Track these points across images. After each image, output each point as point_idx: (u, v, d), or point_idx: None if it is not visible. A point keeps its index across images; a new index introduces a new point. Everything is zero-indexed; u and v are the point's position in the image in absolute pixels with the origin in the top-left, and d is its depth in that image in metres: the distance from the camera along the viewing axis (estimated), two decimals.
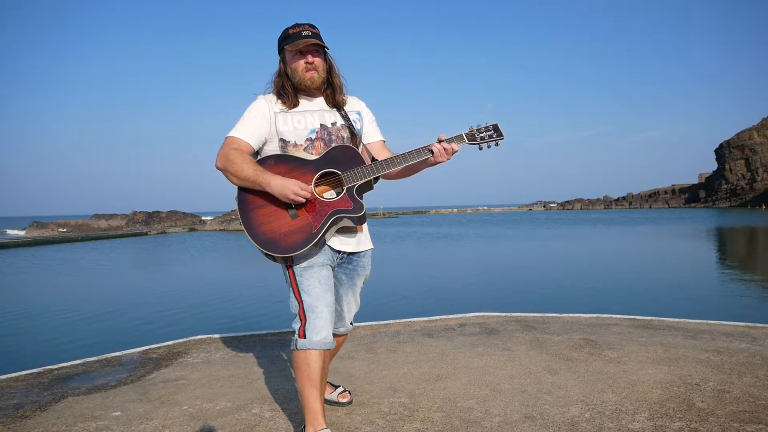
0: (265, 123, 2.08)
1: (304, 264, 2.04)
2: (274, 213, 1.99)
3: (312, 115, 2.12)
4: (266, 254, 2.00)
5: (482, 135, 2.09)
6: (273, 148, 2.10)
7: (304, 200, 1.95)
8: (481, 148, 2.11)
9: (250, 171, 1.96)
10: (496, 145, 2.11)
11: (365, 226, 2.21)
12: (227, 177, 2.02)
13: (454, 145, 2.06)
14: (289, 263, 2.05)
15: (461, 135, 2.09)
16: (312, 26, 2.09)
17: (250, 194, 2.02)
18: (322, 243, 2.03)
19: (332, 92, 2.16)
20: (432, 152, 2.05)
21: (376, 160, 2.15)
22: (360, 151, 2.15)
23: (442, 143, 2.06)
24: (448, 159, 2.07)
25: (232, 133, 2.05)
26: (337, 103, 2.17)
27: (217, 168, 2.02)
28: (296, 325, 2.05)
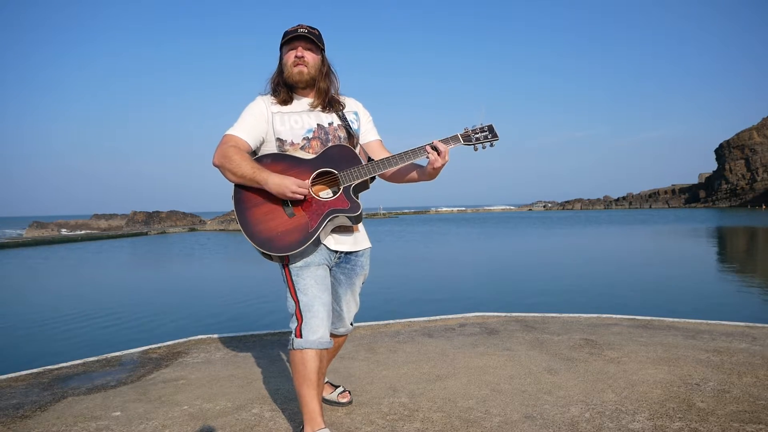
0: (263, 123, 2.09)
1: (300, 264, 2.04)
2: (271, 212, 1.99)
3: (309, 115, 2.14)
4: (263, 253, 2.00)
5: (477, 136, 2.12)
6: (270, 148, 2.11)
7: (302, 197, 1.95)
8: (476, 149, 2.14)
9: (248, 168, 1.97)
10: (491, 145, 2.13)
11: (361, 225, 2.21)
12: (224, 174, 2.03)
13: (442, 145, 2.06)
14: (285, 262, 2.05)
15: (456, 136, 2.12)
16: (312, 27, 2.12)
17: (246, 193, 2.02)
18: (317, 242, 2.04)
19: (317, 95, 2.16)
20: (427, 152, 2.05)
21: (373, 159, 2.16)
22: (357, 151, 2.16)
23: (434, 143, 2.06)
24: (443, 163, 2.07)
25: (231, 131, 2.06)
26: (329, 104, 2.17)
27: (215, 165, 2.03)
28: (293, 325, 2.05)
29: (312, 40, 2.08)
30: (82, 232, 42.75)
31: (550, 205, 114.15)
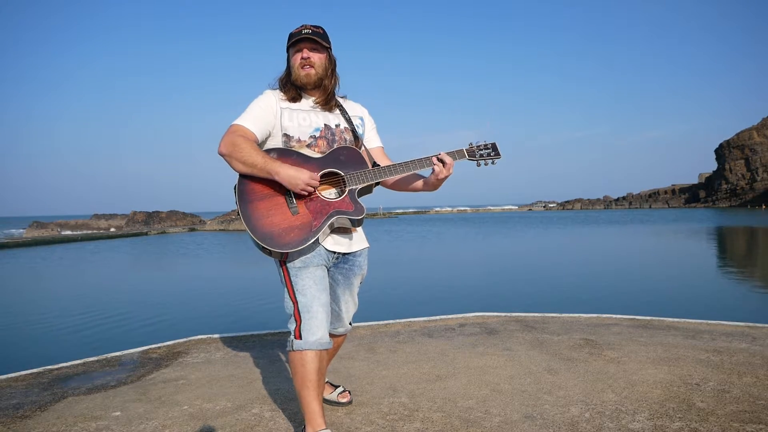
0: (271, 116, 2.08)
1: (298, 264, 2.04)
2: (275, 207, 1.99)
3: (317, 115, 2.15)
4: (262, 248, 1.99)
5: (481, 152, 2.18)
6: (275, 143, 2.10)
7: (312, 190, 1.95)
8: (478, 165, 2.19)
9: (259, 158, 1.95)
10: (493, 163, 2.20)
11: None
12: (231, 163, 1.99)
13: (448, 158, 2.11)
14: (283, 259, 2.04)
15: (462, 150, 2.17)
16: (316, 27, 2.12)
17: (251, 185, 2.01)
18: (316, 242, 2.04)
19: (323, 92, 2.17)
20: (433, 163, 2.10)
21: (378, 164, 2.17)
22: (362, 153, 2.17)
23: (441, 155, 2.10)
24: (447, 175, 2.11)
25: (238, 121, 2.04)
26: (335, 105, 2.19)
27: (221, 153, 2.00)
28: (292, 326, 2.05)
29: (316, 40, 2.08)
30: (82, 232, 42.76)
31: (550, 205, 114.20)
